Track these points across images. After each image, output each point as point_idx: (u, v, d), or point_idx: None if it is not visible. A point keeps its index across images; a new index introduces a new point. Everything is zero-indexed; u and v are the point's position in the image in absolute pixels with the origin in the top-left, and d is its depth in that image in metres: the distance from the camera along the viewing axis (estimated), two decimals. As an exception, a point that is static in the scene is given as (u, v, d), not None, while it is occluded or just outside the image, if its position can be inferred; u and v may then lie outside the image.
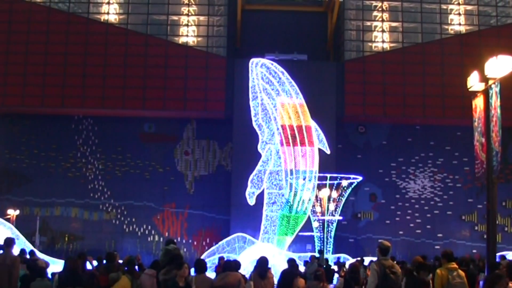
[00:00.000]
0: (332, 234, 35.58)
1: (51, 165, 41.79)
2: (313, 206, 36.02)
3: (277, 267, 23.13)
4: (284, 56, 41.60)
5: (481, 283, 13.77)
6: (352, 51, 42.58)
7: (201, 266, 11.09)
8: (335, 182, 35.07)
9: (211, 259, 30.64)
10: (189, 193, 42.06)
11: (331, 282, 16.58)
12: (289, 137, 37.75)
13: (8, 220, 36.29)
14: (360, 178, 36.14)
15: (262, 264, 11.65)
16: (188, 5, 43.12)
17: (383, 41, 42.94)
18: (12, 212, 40.21)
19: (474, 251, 38.73)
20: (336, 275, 21.07)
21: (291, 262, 12.40)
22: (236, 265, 11.24)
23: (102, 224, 41.75)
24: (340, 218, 36.44)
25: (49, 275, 13.65)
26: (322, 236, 35.28)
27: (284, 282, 10.11)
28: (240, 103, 39.23)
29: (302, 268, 20.87)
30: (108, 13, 42.90)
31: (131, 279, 11.28)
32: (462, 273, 10.94)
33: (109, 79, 40.51)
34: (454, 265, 10.97)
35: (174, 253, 11.47)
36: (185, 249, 38.97)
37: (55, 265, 21.45)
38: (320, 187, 35.28)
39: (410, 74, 40.98)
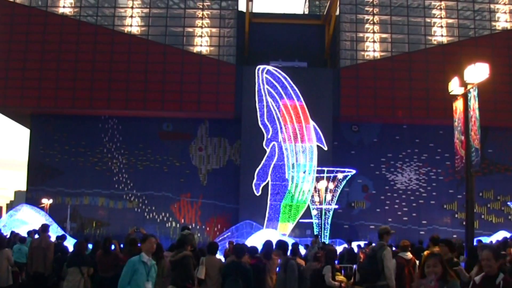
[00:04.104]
0: (329, 221, 35.52)
1: (80, 159, 41.86)
2: (312, 196, 36.03)
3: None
4: (286, 63, 41.51)
5: (462, 264, 13.75)
6: (347, 59, 42.47)
7: (212, 248, 11.08)
8: (332, 175, 35.04)
9: (221, 243, 30.63)
10: (202, 184, 42.06)
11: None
12: (291, 135, 37.76)
13: (42, 208, 36.48)
14: (353, 172, 36.10)
15: (267, 247, 11.65)
16: (202, 18, 43.08)
17: (374, 50, 42.84)
18: (46, 201, 40.47)
19: (455, 236, 38.48)
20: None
21: (295, 245, 12.39)
22: (246, 248, 11.22)
23: (126, 212, 41.78)
24: (336, 206, 36.39)
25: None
26: (320, 223, 35.27)
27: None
28: (248, 104, 39.22)
29: (303, 251, 20.94)
30: (131, 26, 42.89)
31: None
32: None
33: (132, 83, 40.54)
34: (438, 248, 10.98)
35: (185, 236, 11.44)
36: (198, 234, 38.94)
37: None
38: (318, 179, 35.29)
39: (398, 80, 40.87)
